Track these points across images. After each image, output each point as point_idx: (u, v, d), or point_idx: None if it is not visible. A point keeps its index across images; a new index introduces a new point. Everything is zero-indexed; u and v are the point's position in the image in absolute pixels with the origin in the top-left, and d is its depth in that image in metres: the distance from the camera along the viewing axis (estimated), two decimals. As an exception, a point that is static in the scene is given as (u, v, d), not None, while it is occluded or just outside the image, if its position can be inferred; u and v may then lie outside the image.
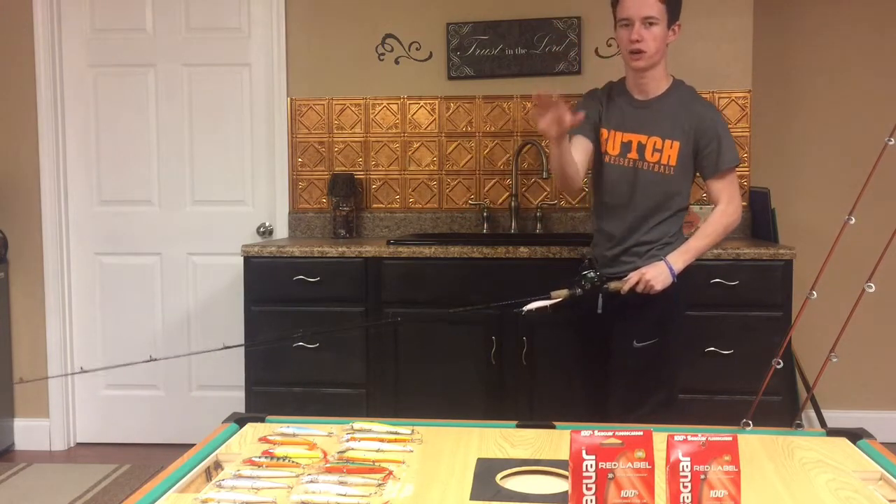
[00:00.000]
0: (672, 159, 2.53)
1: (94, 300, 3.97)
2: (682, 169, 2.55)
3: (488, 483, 1.46)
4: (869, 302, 1.74)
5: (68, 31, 3.88)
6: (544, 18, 3.67)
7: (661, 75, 2.58)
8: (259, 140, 3.87)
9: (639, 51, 2.48)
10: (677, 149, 2.53)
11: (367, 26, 3.75)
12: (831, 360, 1.75)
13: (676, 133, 2.53)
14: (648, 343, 2.55)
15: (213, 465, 1.61)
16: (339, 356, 3.22)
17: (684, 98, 2.59)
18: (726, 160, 2.54)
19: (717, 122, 2.57)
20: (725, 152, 2.53)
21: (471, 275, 3.14)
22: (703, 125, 2.53)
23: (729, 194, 2.56)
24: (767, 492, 1.44)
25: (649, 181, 2.56)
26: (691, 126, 2.53)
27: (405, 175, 3.79)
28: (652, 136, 2.55)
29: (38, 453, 3.88)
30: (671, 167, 2.54)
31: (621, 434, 1.24)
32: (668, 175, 2.54)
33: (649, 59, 2.49)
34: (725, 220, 2.55)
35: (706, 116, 2.55)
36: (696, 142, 2.54)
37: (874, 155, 1.73)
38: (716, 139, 2.52)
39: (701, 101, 2.62)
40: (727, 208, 2.55)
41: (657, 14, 2.46)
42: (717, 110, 2.68)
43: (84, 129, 3.91)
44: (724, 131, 2.56)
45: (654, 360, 2.57)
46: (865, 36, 3.81)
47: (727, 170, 2.55)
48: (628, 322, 2.58)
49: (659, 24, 2.47)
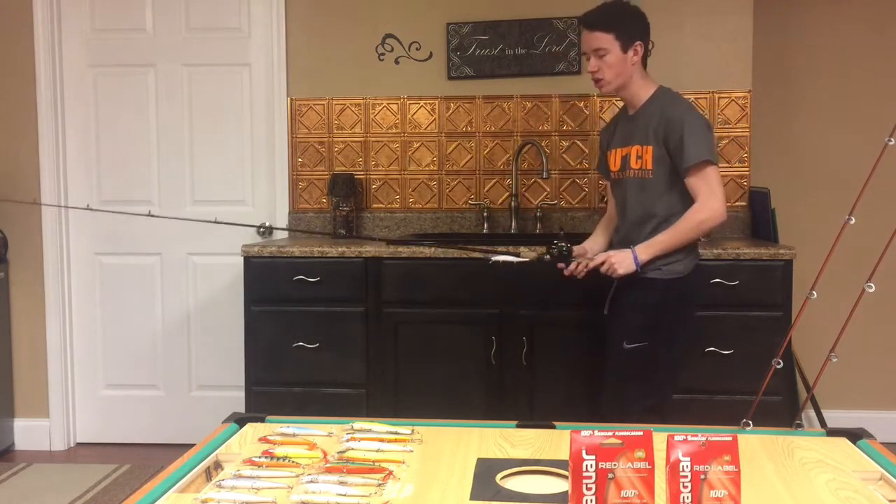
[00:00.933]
0: (648, 163, 2.60)
1: (94, 300, 3.97)
2: (660, 172, 2.59)
3: (488, 483, 1.46)
4: (869, 302, 1.74)
5: (68, 31, 3.88)
6: (544, 18, 3.67)
7: (638, 89, 2.65)
8: (259, 140, 3.87)
9: (597, 80, 2.64)
10: (651, 152, 2.59)
11: (367, 26, 3.75)
12: (831, 360, 1.75)
13: (649, 137, 2.60)
14: (638, 345, 2.57)
15: (213, 465, 1.61)
16: (339, 356, 3.22)
17: (661, 103, 2.63)
18: (689, 156, 2.52)
19: (683, 119, 2.56)
20: (689, 148, 2.52)
21: (471, 275, 3.14)
22: (670, 124, 2.56)
23: (706, 191, 2.54)
24: (767, 492, 1.44)
25: (635, 188, 2.64)
26: (660, 127, 2.58)
27: (405, 175, 3.79)
28: (634, 146, 2.64)
29: (38, 453, 3.88)
30: (648, 171, 2.60)
31: (621, 434, 1.24)
32: (647, 179, 2.61)
33: (608, 84, 2.64)
34: (698, 217, 2.54)
35: (674, 115, 2.57)
36: (665, 140, 2.57)
37: (874, 155, 1.73)
38: (679, 135, 2.53)
39: (674, 103, 2.63)
40: (700, 206, 2.54)
41: (605, 45, 2.59)
42: (689, 109, 2.64)
43: (84, 129, 3.92)
44: (690, 128, 2.54)
45: (643, 362, 2.58)
46: (865, 36, 3.81)
47: (698, 165, 2.53)
48: (621, 323, 2.62)
49: (610, 53, 2.59)
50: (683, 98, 2.69)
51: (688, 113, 2.61)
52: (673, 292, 2.59)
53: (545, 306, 3.13)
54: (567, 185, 3.72)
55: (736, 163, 3.63)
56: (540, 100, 3.69)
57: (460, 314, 3.17)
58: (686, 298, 2.65)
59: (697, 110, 2.70)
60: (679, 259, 2.59)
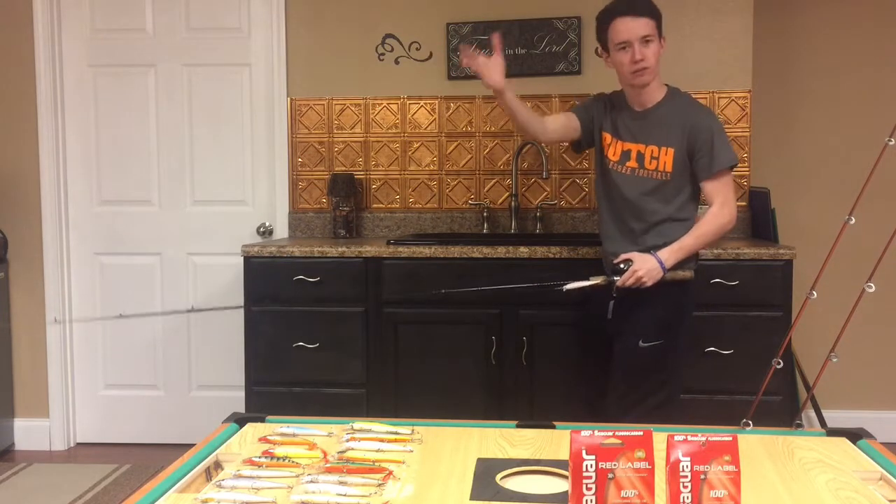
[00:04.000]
0: (668, 165, 2.60)
1: (94, 300, 3.97)
2: (678, 174, 2.60)
3: (488, 483, 1.46)
4: (869, 302, 1.74)
5: (68, 31, 3.87)
6: (544, 18, 3.67)
7: (657, 86, 2.65)
8: (259, 140, 3.87)
9: (643, 68, 2.57)
10: (672, 155, 2.58)
11: (367, 26, 3.75)
12: (831, 360, 1.75)
13: (671, 140, 2.59)
14: (654, 343, 2.59)
15: (213, 465, 1.61)
16: (339, 356, 3.22)
17: (679, 105, 2.64)
18: (719, 161, 2.56)
19: (711, 125, 2.60)
20: (719, 154, 2.56)
21: (471, 275, 3.14)
22: (696, 128, 2.57)
23: (723, 196, 2.58)
24: (767, 492, 1.44)
25: (648, 187, 2.63)
26: (685, 131, 2.58)
27: (405, 175, 3.79)
28: (649, 145, 2.63)
29: (38, 453, 3.87)
30: (668, 173, 2.60)
31: (621, 434, 1.24)
32: (665, 181, 2.61)
33: (651, 73, 2.59)
34: (719, 222, 2.58)
35: (699, 119, 2.60)
36: (690, 145, 2.58)
37: (874, 155, 1.73)
38: (709, 141, 2.56)
39: (695, 106, 2.67)
40: (721, 210, 2.58)
41: (651, 31, 2.57)
42: (711, 113, 2.71)
43: (84, 129, 3.91)
44: (718, 133, 2.58)
45: (657, 360, 2.60)
46: (865, 36, 3.81)
47: (721, 171, 2.57)
48: (636, 322, 2.61)
49: (654, 41, 2.58)
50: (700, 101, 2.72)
51: (714, 119, 2.66)
52: (679, 293, 2.62)
53: (545, 306, 3.13)
54: (567, 185, 3.72)
55: (736, 163, 3.63)
56: (540, 100, 3.69)
57: (460, 314, 3.17)
58: (692, 297, 2.69)
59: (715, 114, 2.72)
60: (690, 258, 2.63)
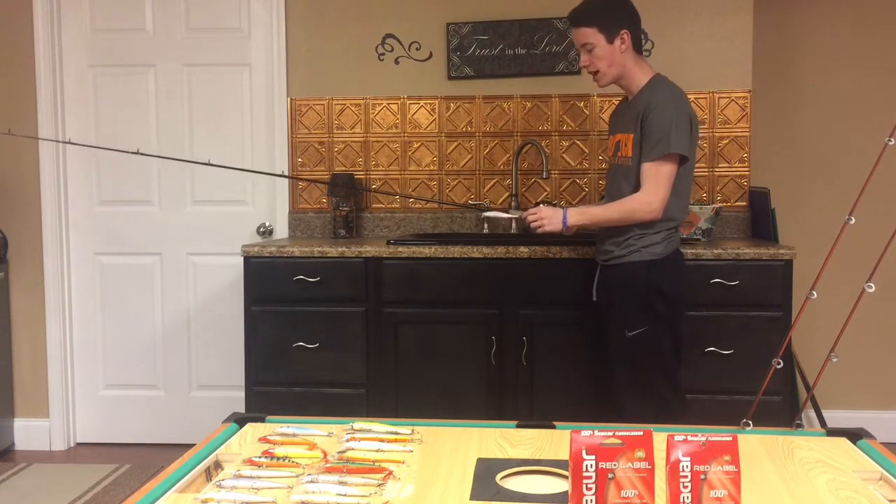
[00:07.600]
0: (629, 150, 2.62)
1: (94, 300, 3.97)
2: (637, 160, 2.61)
3: (488, 483, 1.46)
4: (869, 302, 1.74)
5: (68, 31, 3.87)
6: (544, 18, 3.67)
7: (635, 76, 2.67)
8: (259, 140, 3.87)
9: (592, 73, 2.68)
10: (632, 140, 2.61)
11: (367, 26, 3.75)
12: (831, 360, 1.75)
13: (631, 126, 2.62)
14: (639, 331, 2.61)
15: (213, 465, 1.61)
16: (339, 356, 3.22)
17: (648, 91, 2.64)
18: (662, 146, 2.52)
19: (667, 109, 2.54)
20: (664, 139, 2.51)
21: (471, 275, 3.14)
22: (648, 110, 2.57)
23: (653, 183, 2.54)
24: (767, 492, 1.44)
25: (620, 174, 2.68)
26: (640, 114, 2.59)
27: (405, 175, 3.79)
28: (619, 134, 2.70)
29: (38, 453, 3.88)
30: (628, 158, 2.63)
31: (621, 434, 1.24)
32: (628, 166, 2.63)
33: (604, 76, 2.67)
34: (630, 206, 2.58)
35: (652, 103, 2.58)
36: (642, 128, 2.57)
37: (874, 155, 1.73)
38: (658, 123, 2.53)
39: (660, 92, 2.62)
40: (641, 196, 2.57)
41: (590, 39, 2.62)
42: (676, 100, 2.59)
43: (84, 129, 3.91)
44: (672, 120, 2.52)
45: (647, 348, 2.62)
46: (865, 36, 3.81)
47: (661, 157, 2.53)
48: (616, 312, 2.66)
49: (597, 46, 2.62)
50: (673, 87, 2.65)
51: (675, 107, 2.57)
52: (655, 273, 2.62)
53: (545, 306, 3.13)
54: (567, 185, 3.72)
55: (736, 163, 3.63)
56: (540, 100, 3.69)
57: (460, 314, 3.17)
58: (671, 279, 2.66)
59: (682, 101, 2.62)
60: (656, 242, 2.62)
